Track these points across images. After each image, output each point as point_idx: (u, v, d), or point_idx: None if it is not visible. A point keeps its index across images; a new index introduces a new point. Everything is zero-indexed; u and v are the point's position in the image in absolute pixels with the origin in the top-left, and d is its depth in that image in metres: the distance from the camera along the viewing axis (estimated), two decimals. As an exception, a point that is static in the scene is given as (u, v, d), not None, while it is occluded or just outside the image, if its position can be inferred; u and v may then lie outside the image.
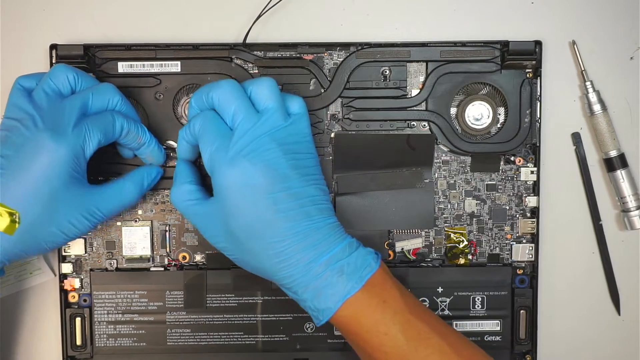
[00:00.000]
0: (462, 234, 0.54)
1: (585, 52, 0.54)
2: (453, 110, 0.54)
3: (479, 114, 0.53)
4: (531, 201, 0.54)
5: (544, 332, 0.55)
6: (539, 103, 0.53)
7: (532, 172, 0.54)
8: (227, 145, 0.44)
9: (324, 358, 0.54)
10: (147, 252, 0.54)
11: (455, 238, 0.54)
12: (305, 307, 0.46)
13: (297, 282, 0.44)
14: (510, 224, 0.54)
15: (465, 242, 0.54)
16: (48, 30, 0.54)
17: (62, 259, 0.54)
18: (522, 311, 0.54)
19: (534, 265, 0.54)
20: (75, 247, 0.54)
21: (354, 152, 0.53)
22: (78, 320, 0.54)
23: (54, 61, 0.52)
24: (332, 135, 0.53)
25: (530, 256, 0.54)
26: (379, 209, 0.54)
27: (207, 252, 0.54)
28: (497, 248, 0.54)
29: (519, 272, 0.54)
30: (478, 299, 0.54)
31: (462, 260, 0.54)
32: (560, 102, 0.55)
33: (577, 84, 0.55)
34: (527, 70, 0.53)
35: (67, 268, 0.54)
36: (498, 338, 0.54)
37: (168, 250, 0.54)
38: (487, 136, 0.54)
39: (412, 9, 0.55)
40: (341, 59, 0.53)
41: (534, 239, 0.54)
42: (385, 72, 0.53)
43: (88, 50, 0.52)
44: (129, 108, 0.50)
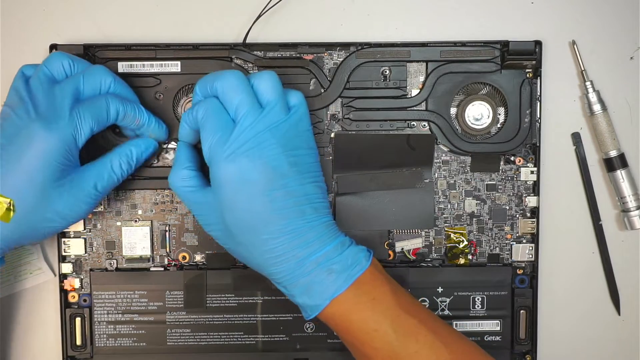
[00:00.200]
0: (462, 234, 0.54)
1: (585, 52, 0.54)
2: (453, 110, 0.54)
3: (479, 114, 0.53)
4: (531, 201, 0.54)
5: (544, 332, 0.55)
6: (539, 103, 0.53)
7: (532, 172, 0.54)
8: (227, 138, 0.44)
9: (324, 358, 0.54)
10: (147, 252, 0.54)
11: (455, 238, 0.54)
12: (295, 302, 0.46)
13: (287, 278, 0.45)
14: (510, 224, 0.54)
15: (465, 242, 0.54)
16: (48, 30, 0.54)
17: (62, 259, 0.54)
18: (522, 311, 0.54)
19: (534, 265, 0.54)
20: (75, 247, 0.54)
21: (354, 152, 0.53)
22: (78, 320, 0.54)
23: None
24: (332, 135, 0.53)
25: (530, 256, 0.54)
26: (379, 209, 0.54)
27: (207, 252, 0.54)
28: (497, 248, 0.54)
29: (519, 272, 0.54)
30: (478, 299, 0.54)
31: (462, 260, 0.54)
32: (560, 102, 0.55)
33: (577, 84, 0.55)
34: (527, 70, 0.53)
35: (67, 268, 0.54)
36: (498, 338, 0.54)
37: (168, 250, 0.54)
38: (487, 136, 0.54)
39: (412, 9, 0.55)
40: (341, 59, 0.53)
41: (534, 239, 0.54)
42: (385, 72, 0.53)
43: (88, 50, 0.52)
44: (124, 88, 0.49)
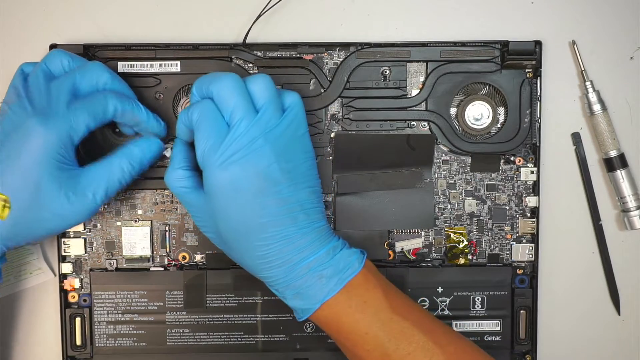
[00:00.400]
0: (462, 234, 0.54)
1: (585, 52, 0.54)
2: (453, 110, 0.53)
3: (479, 114, 0.53)
4: (531, 201, 0.54)
5: (544, 332, 0.55)
6: (539, 103, 0.53)
7: (532, 172, 0.54)
8: (220, 145, 0.44)
9: (324, 358, 0.54)
10: (147, 252, 0.54)
11: (455, 238, 0.54)
12: (287, 304, 0.46)
13: (280, 282, 0.45)
14: (510, 224, 0.54)
15: (465, 242, 0.54)
16: (48, 30, 0.54)
17: (62, 259, 0.54)
18: (522, 311, 0.54)
19: (534, 265, 0.54)
20: (75, 247, 0.54)
21: (354, 152, 0.53)
22: (78, 320, 0.54)
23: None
24: (332, 135, 0.53)
25: (530, 256, 0.54)
26: (379, 209, 0.54)
27: (207, 252, 0.54)
28: (497, 248, 0.54)
29: (519, 272, 0.54)
30: (478, 299, 0.54)
31: (462, 260, 0.54)
32: (560, 102, 0.55)
33: (577, 84, 0.55)
34: (527, 70, 0.53)
35: (67, 268, 0.54)
36: (498, 338, 0.54)
37: (168, 250, 0.54)
38: (487, 136, 0.54)
39: (412, 9, 0.55)
40: (341, 59, 0.53)
41: (534, 239, 0.54)
42: (385, 72, 0.53)
43: (88, 50, 0.52)
44: (121, 85, 0.49)
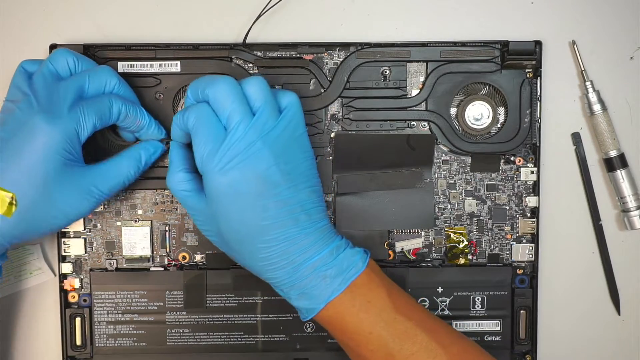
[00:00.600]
0: (462, 234, 0.54)
1: (585, 52, 0.54)
2: (453, 110, 0.53)
3: (479, 114, 0.53)
4: (531, 201, 0.54)
5: (544, 332, 0.55)
6: (539, 103, 0.53)
7: (532, 172, 0.54)
8: (218, 148, 0.43)
9: (324, 358, 0.54)
10: (147, 252, 0.54)
11: (455, 238, 0.54)
12: (291, 304, 0.46)
13: (284, 283, 0.45)
14: (510, 224, 0.54)
15: (465, 242, 0.54)
16: (48, 30, 0.54)
17: (62, 259, 0.54)
18: (522, 311, 0.54)
19: (534, 265, 0.54)
20: (75, 247, 0.54)
21: (354, 152, 0.53)
22: (78, 320, 0.54)
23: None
24: (332, 135, 0.53)
25: (530, 256, 0.54)
26: (379, 209, 0.54)
27: (207, 252, 0.54)
28: (497, 248, 0.54)
29: (519, 272, 0.54)
30: (478, 299, 0.54)
31: (462, 260, 0.54)
32: (560, 102, 0.55)
33: (577, 84, 0.55)
34: (527, 70, 0.53)
35: (67, 268, 0.54)
36: (498, 338, 0.54)
37: (168, 250, 0.54)
38: (487, 136, 0.54)
39: (412, 9, 0.55)
40: (341, 59, 0.53)
41: (534, 239, 0.54)
42: (385, 72, 0.53)
43: (88, 50, 0.52)
44: (127, 91, 0.50)
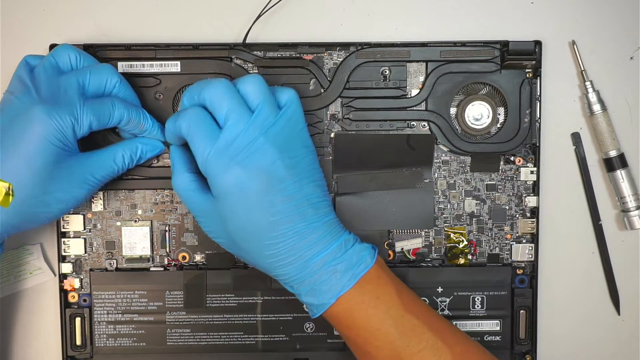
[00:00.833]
0: (462, 234, 0.54)
1: (585, 52, 0.54)
2: (453, 110, 0.53)
3: (478, 114, 0.53)
4: (531, 201, 0.54)
5: (544, 332, 0.55)
6: (538, 103, 0.53)
7: (532, 172, 0.54)
8: (220, 148, 0.43)
9: (324, 358, 0.54)
10: (147, 252, 0.54)
11: (455, 238, 0.54)
12: (301, 300, 0.46)
13: (293, 279, 0.45)
14: (510, 224, 0.54)
15: (465, 242, 0.54)
16: (48, 30, 0.54)
17: (62, 259, 0.54)
18: (522, 311, 0.54)
19: (533, 265, 0.54)
20: (75, 247, 0.54)
21: (354, 152, 0.53)
22: (78, 320, 0.54)
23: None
24: (332, 135, 0.53)
25: (530, 256, 0.54)
26: (379, 209, 0.54)
27: (207, 252, 0.54)
28: (497, 248, 0.54)
29: (519, 272, 0.54)
30: (478, 299, 0.54)
31: (462, 260, 0.54)
32: (560, 102, 0.55)
33: (577, 84, 0.55)
34: (527, 70, 0.53)
35: (67, 268, 0.54)
36: (498, 338, 0.54)
37: (168, 250, 0.54)
38: (487, 136, 0.54)
39: (412, 9, 0.55)
40: (341, 59, 0.53)
41: (534, 239, 0.54)
42: (385, 72, 0.53)
43: (88, 50, 0.52)
44: (128, 91, 0.50)
